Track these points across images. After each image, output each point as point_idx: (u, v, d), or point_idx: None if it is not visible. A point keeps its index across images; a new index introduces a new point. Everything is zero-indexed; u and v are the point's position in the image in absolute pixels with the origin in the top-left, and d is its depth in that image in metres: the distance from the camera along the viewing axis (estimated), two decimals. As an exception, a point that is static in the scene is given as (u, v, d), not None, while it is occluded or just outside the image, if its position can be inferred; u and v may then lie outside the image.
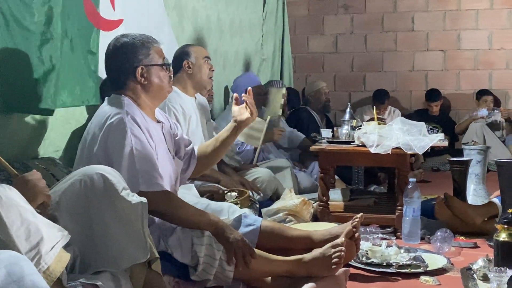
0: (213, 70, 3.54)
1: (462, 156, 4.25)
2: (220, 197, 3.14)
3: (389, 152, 3.26)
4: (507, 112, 6.39)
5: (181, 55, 3.52)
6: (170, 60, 2.81)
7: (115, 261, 1.78)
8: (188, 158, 2.58)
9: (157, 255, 1.89)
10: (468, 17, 6.78)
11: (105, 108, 2.26)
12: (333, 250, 2.28)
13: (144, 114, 2.30)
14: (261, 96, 4.60)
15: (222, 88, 4.96)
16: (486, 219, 3.40)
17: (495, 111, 6.41)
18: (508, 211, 2.51)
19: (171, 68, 2.41)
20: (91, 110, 2.88)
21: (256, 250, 2.23)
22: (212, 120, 3.86)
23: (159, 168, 2.19)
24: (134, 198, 1.84)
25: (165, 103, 3.29)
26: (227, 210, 2.60)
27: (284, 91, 4.38)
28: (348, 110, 3.89)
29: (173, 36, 3.89)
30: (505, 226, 2.44)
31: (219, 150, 2.61)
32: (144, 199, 1.86)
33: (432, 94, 6.71)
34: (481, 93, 6.62)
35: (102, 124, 2.19)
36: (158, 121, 2.40)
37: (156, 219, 2.22)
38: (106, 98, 2.35)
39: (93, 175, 1.83)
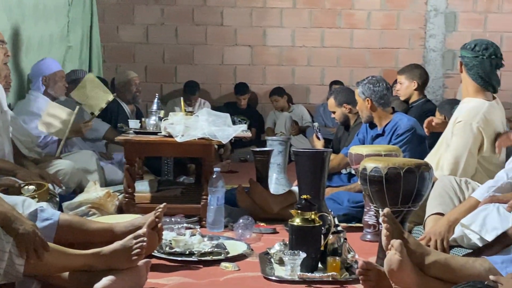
0: (8, 55, 3.31)
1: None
2: (16, 191, 2.95)
3: (196, 138, 3.31)
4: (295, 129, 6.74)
5: (-30, 38, 3.23)
6: None
7: None
8: None
9: None
10: (273, 14, 7.08)
11: None
12: (134, 241, 2.26)
13: None
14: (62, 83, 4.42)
15: (24, 75, 4.64)
16: (285, 206, 3.62)
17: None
18: (302, 197, 2.69)
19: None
20: None
21: (51, 244, 2.12)
22: (9, 110, 3.60)
23: None
24: None
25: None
26: (21, 204, 2.44)
27: (111, 98, 4.27)
28: (155, 100, 3.88)
29: None
30: (299, 211, 2.60)
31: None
32: None
33: (240, 88, 6.93)
34: (271, 93, 6.93)
35: None
36: None
37: None
38: None
39: None
